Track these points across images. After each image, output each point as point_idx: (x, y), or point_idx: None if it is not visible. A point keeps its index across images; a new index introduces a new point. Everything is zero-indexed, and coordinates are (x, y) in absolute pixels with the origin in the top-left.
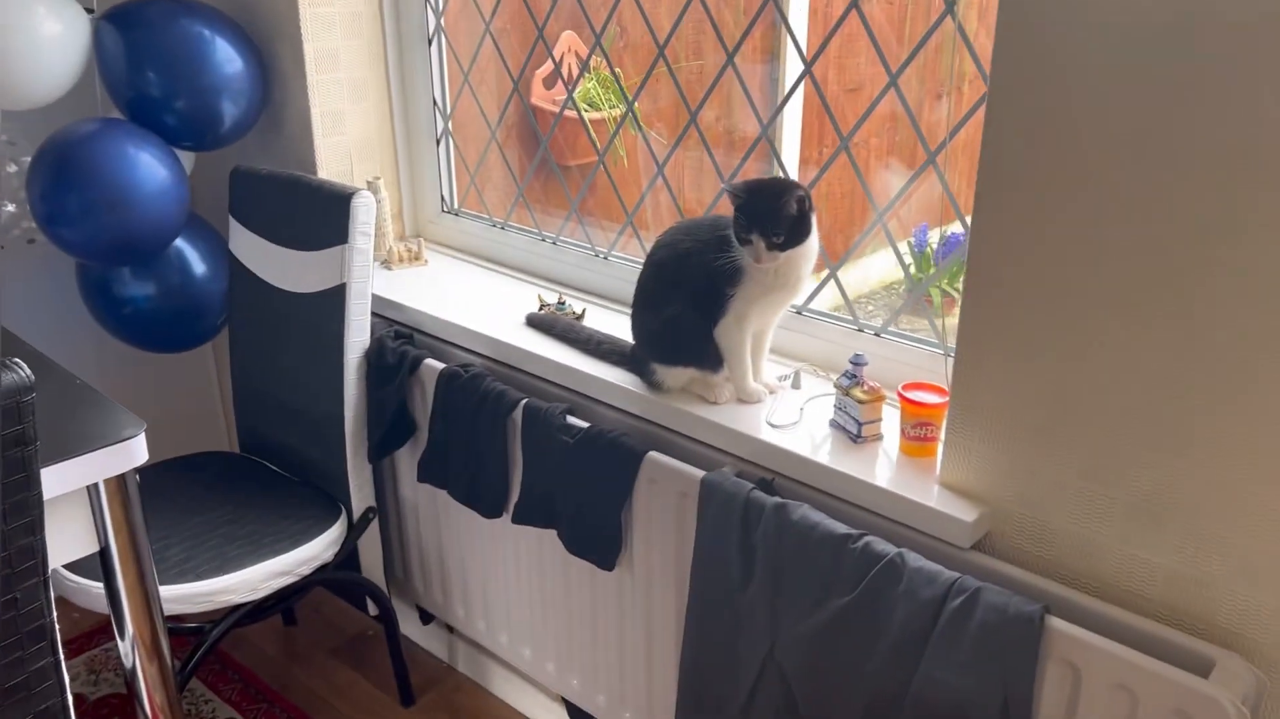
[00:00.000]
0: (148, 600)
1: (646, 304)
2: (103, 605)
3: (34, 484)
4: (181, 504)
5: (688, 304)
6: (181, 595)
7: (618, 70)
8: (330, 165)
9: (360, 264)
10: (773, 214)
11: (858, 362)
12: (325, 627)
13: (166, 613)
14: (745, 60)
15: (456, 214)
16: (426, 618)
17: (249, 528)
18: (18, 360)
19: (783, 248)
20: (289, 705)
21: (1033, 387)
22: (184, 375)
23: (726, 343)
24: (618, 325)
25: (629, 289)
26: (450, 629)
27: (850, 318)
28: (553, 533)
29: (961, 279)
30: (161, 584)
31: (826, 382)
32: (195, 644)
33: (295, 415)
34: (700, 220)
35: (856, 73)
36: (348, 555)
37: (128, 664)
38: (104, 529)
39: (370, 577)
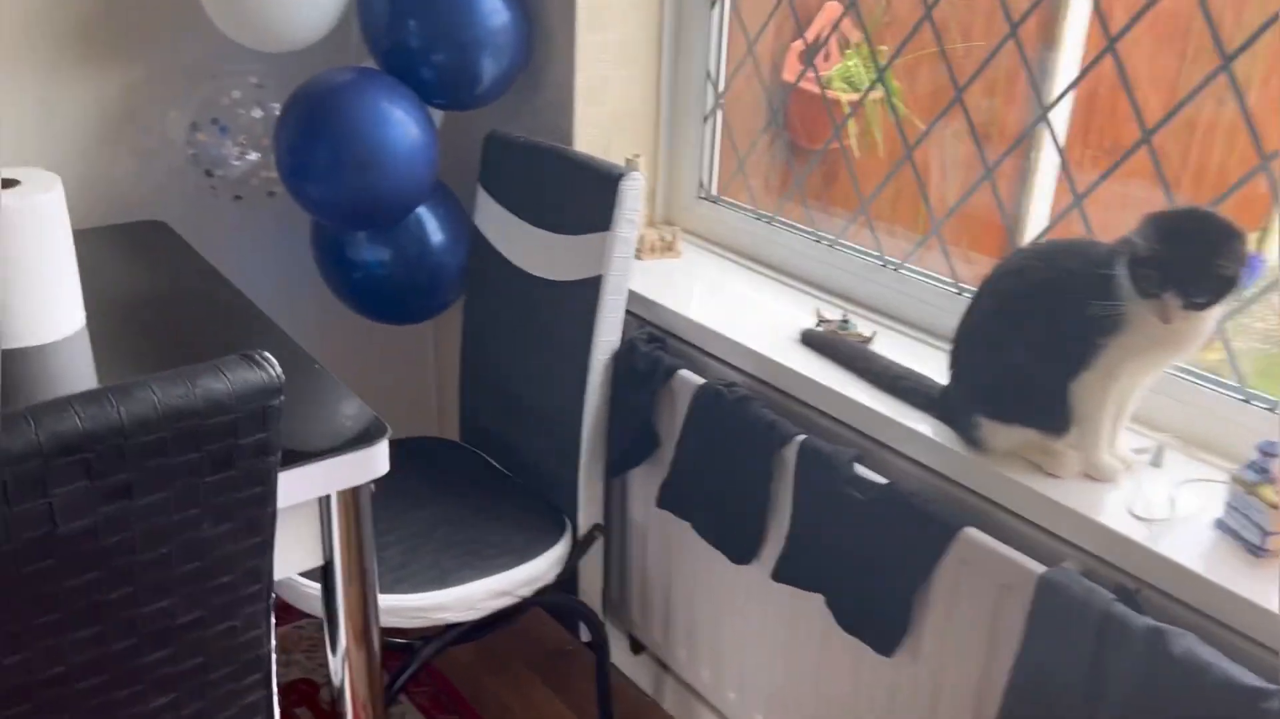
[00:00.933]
0: (367, 621)
1: (980, 342)
2: (314, 607)
3: (270, 501)
4: (398, 495)
5: (1038, 348)
6: (395, 608)
7: (881, 47)
8: (587, 137)
9: (621, 256)
10: (1202, 271)
11: (1270, 451)
12: (523, 635)
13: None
14: (1013, 48)
15: (715, 201)
16: (638, 646)
17: (468, 534)
18: (266, 355)
19: (1204, 307)
20: (467, 710)
21: None
22: (403, 350)
23: (1085, 403)
24: (914, 355)
25: (927, 313)
26: (663, 665)
27: (1235, 384)
28: (816, 596)
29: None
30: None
31: (1198, 463)
32: (403, 663)
33: (526, 412)
34: (1065, 245)
35: (1146, 66)
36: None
37: (336, 680)
38: (330, 542)
39: (587, 600)
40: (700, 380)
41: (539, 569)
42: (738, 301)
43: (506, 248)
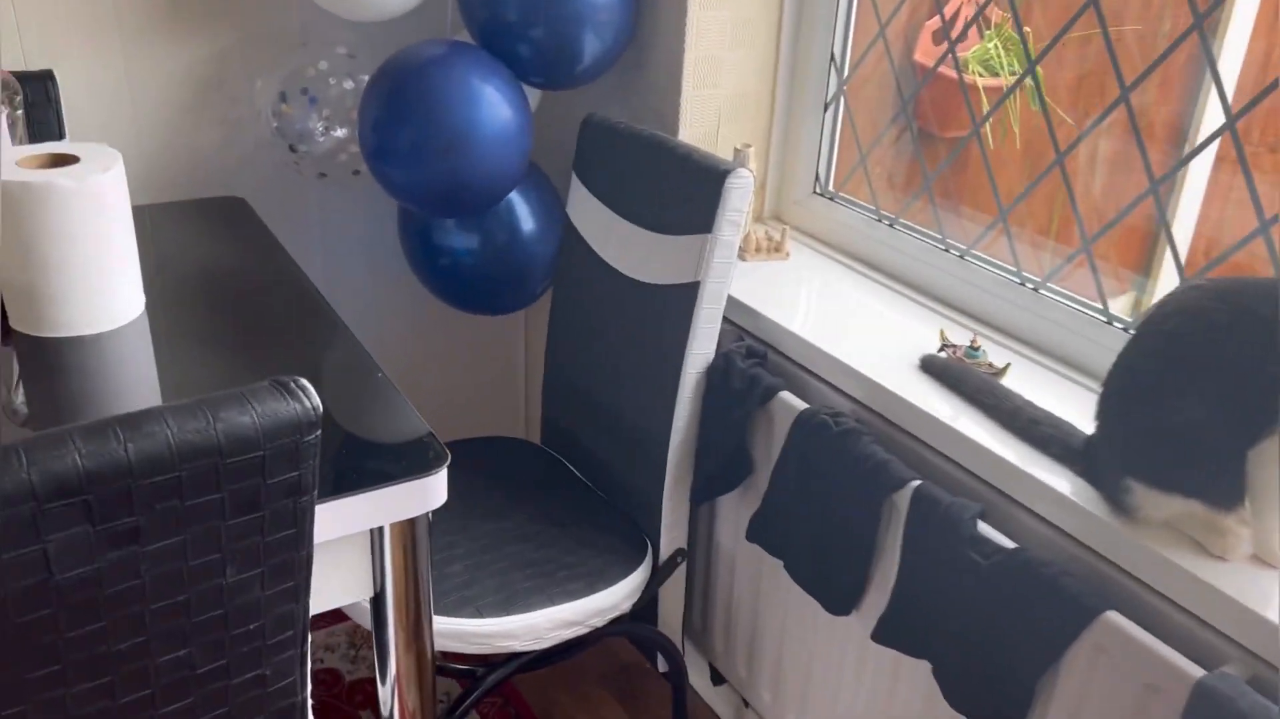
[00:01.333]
0: (420, 651)
1: (1138, 390)
2: (365, 619)
3: (303, 543)
4: (471, 500)
5: (1211, 406)
6: (456, 632)
7: (1027, 30)
8: (694, 124)
9: (722, 261)
10: None
11: None
12: (598, 648)
13: (436, 647)
14: (1164, 35)
15: (831, 198)
16: (718, 678)
17: (542, 552)
18: (302, 383)
19: None
20: None
21: None
22: (491, 342)
23: (1264, 474)
24: (1054, 393)
25: (1071, 343)
26: (745, 703)
27: None
28: (922, 662)
29: None
30: (438, 613)
31: None
32: (463, 693)
33: (610, 422)
34: (1252, 285)
35: None
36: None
37: (385, 711)
38: (381, 574)
39: (666, 629)
40: (803, 405)
41: (615, 598)
42: (850, 315)
43: (599, 243)
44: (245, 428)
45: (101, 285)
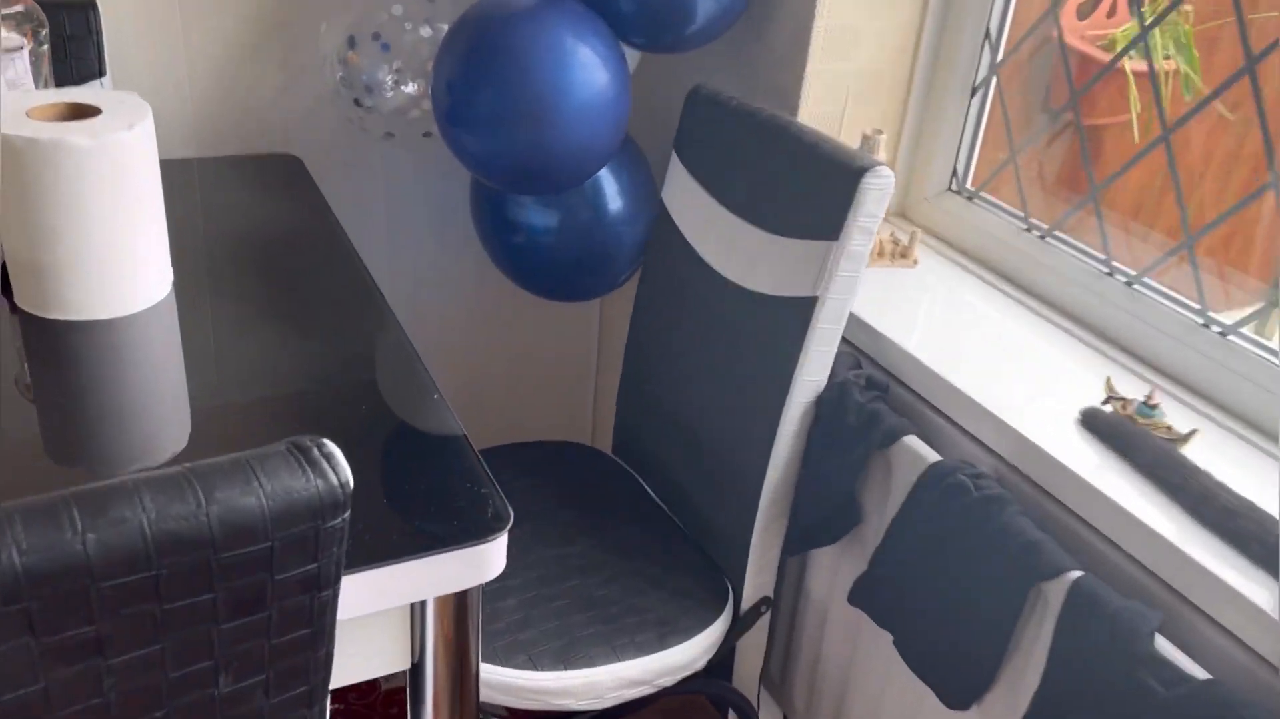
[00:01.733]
0: (463, 710)
1: None
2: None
3: (321, 642)
4: (530, 517)
5: None
6: (506, 684)
7: (1186, 7)
8: (818, 103)
9: (848, 275)
10: None
11: None
12: None
13: (482, 698)
14: None
15: (970, 198)
16: None
17: (608, 589)
18: (328, 449)
19: None
20: None
21: None
22: (560, 334)
23: None
24: (1253, 471)
25: (1275, 407)
26: None
27: None
28: None
29: None
30: (487, 659)
31: None
32: None
33: (694, 444)
34: None
35: None
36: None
37: None
38: (421, 646)
39: (742, 686)
40: (934, 457)
41: (689, 655)
42: (991, 345)
43: (696, 236)
44: (248, 513)
45: (120, 263)
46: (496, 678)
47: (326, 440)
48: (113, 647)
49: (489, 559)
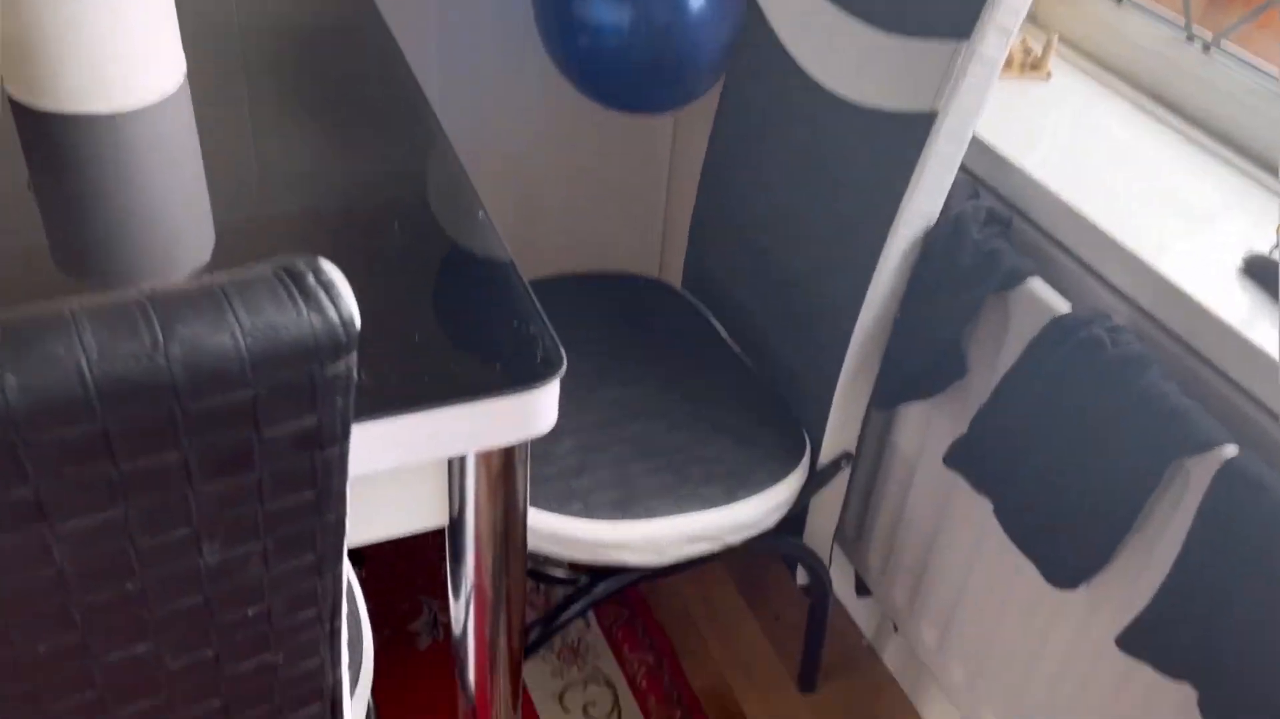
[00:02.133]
0: (509, 597)
1: None
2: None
3: (329, 506)
4: (592, 355)
5: None
6: (557, 534)
7: None
8: None
9: (975, 85)
10: None
11: None
12: None
13: (530, 547)
14: None
15: (1119, 1)
16: (864, 588)
17: (673, 436)
18: (327, 274)
19: None
20: (653, 626)
21: None
22: (628, 153)
23: None
24: None
25: None
26: (894, 626)
27: None
28: (1178, 686)
29: None
30: (536, 504)
31: None
32: (559, 604)
33: (777, 279)
34: None
35: None
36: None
37: (456, 629)
38: (461, 502)
39: (814, 543)
40: (1062, 307)
41: (758, 511)
42: (1137, 174)
43: (792, 37)
44: (219, 354)
45: (121, 44)
46: (545, 525)
47: (325, 264)
48: (59, 511)
49: (536, 410)
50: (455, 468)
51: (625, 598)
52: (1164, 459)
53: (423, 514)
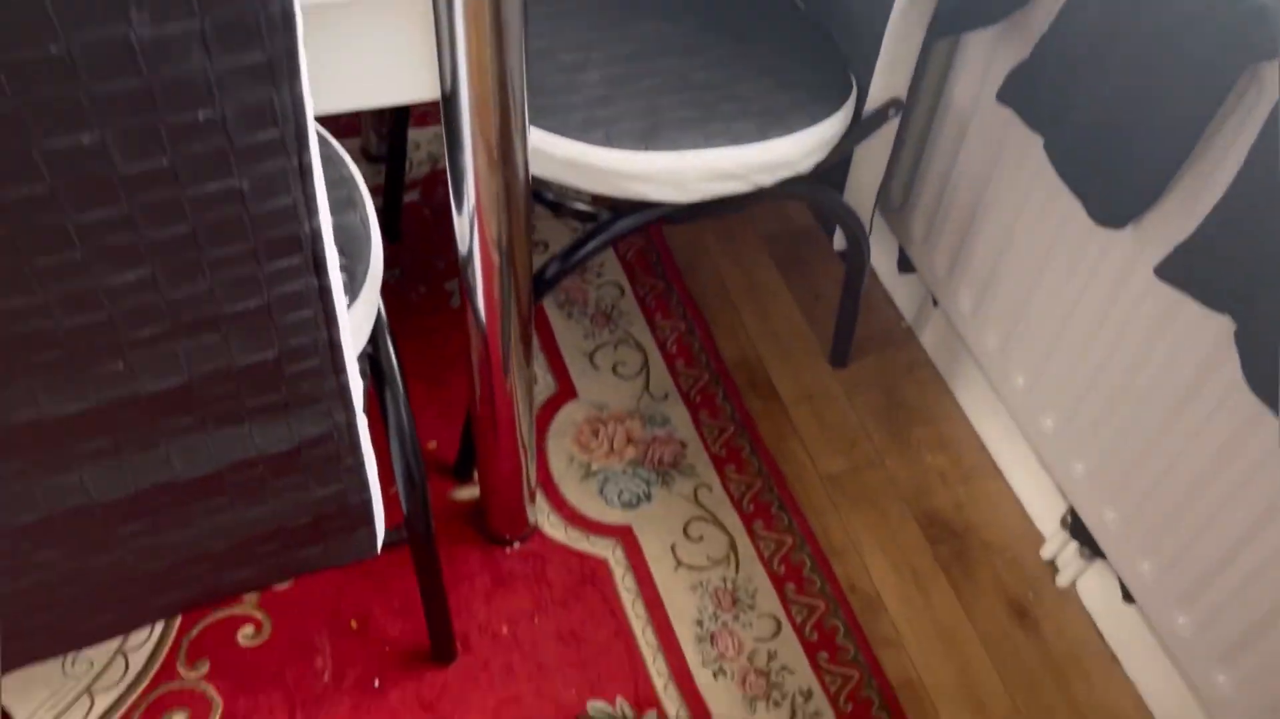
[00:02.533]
0: (509, 177)
1: None
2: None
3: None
4: None
5: None
6: (574, 160)
7: None
8: None
9: None
10: None
11: None
12: (764, 204)
13: (551, 176)
14: None
15: None
16: (907, 264)
17: (709, 73)
18: None
19: None
20: (685, 296)
21: None
22: None
23: None
24: None
25: None
26: (934, 301)
27: None
28: (1217, 319)
29: None
30: (555, 130)
31: None
32: (580, 238)
33: None
34: None
35: None
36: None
37: (462, 249)
38: (453, 70)
39: (854, 201)
40: None
41: (793, 151)
42: None
43: None
44: None
45: None
46: (564, 151)
47: None
48: None
49: None
50: (445, 32)
51: (663, 269)
52: (1235, 67)
53: (408, 85)
